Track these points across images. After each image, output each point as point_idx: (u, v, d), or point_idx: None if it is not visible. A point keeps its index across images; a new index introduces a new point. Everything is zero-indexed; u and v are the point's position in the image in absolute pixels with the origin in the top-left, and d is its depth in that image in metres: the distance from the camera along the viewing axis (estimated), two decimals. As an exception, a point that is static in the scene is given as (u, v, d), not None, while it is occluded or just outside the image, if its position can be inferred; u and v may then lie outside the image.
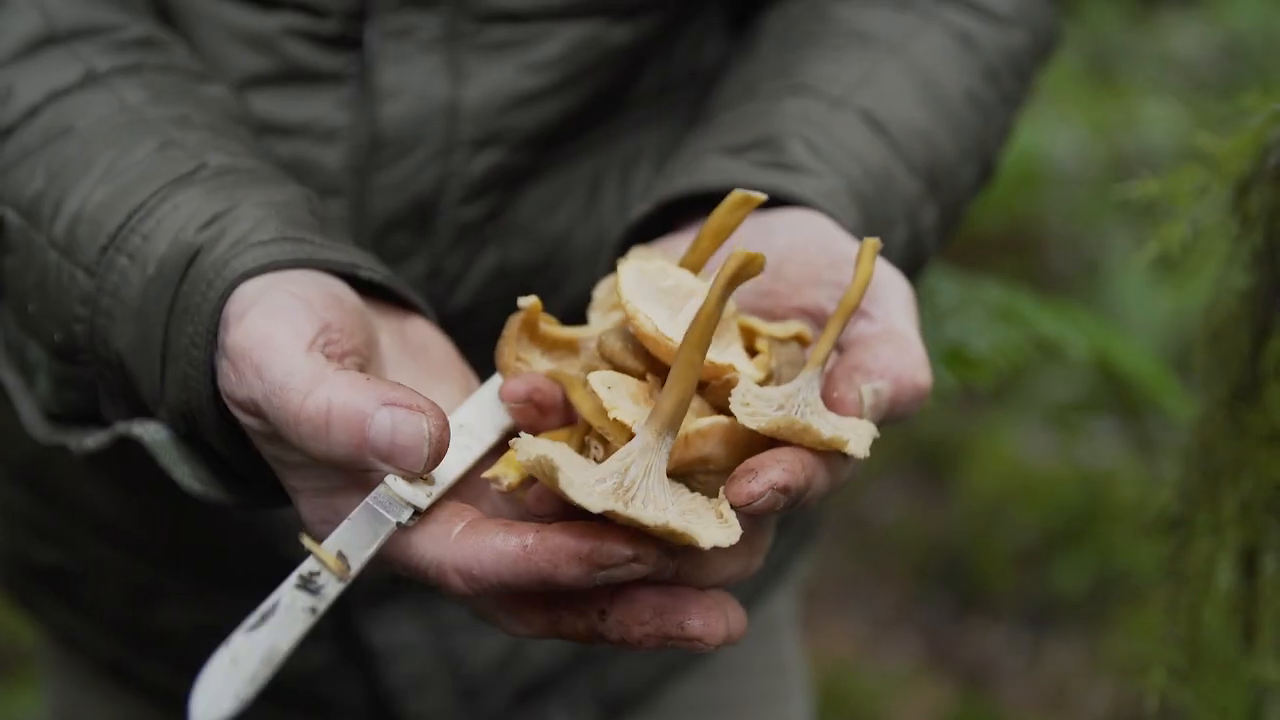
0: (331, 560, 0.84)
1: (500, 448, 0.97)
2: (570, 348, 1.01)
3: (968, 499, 3.18)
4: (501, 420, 0.97)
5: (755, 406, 0.89)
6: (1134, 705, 2.52)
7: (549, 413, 0.97)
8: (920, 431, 3.23)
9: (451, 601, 0.99)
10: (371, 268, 0.98)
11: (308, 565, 0.84)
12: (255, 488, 1.00)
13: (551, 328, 1.00)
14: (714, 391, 0.95)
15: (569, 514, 0.86)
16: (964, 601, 3.04)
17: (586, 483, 0.83)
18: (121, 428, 1.00)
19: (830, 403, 0.94)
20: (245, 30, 1.15)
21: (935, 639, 2.99)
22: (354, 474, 0.91)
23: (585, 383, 0.93)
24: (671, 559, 0.86)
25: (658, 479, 0.85)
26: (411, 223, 1.17)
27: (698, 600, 0.88)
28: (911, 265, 1.16)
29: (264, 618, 0.81)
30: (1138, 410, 2.89)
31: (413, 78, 1.15)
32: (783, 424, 0.88)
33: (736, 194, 0.96)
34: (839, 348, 0.98)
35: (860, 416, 0.93)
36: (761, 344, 0.97)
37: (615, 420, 0.90)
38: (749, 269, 0.85)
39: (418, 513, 0.88)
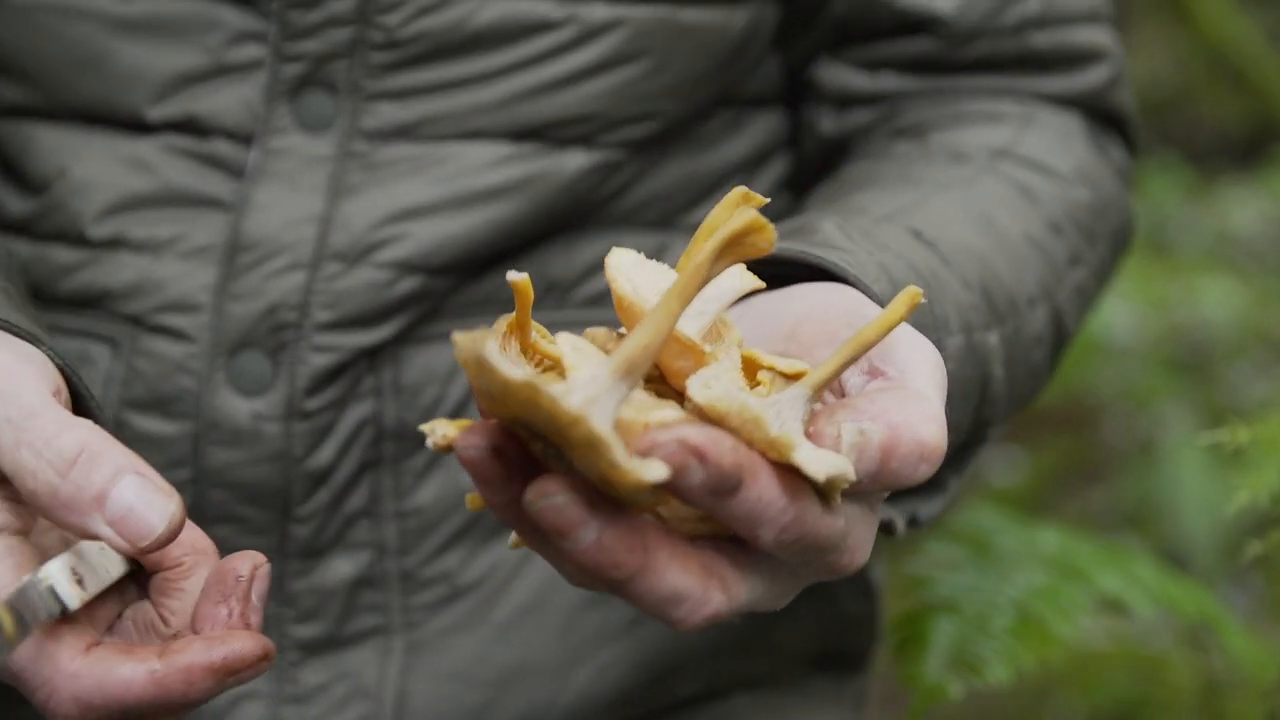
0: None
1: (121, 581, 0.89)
2: (561, 372, 0.86)
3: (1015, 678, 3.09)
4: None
5: (713, 387, 0.77)
6: None
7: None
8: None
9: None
10: (51, 345, 0.94)
11: None
12: None
13: (544, 341, 0.88)
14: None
15: (499, 442, 0.75)
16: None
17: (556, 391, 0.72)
18: None
19: (808, 437, 0.81)
20: (114, 150, 1.13)
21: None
22: (21, 532, 0.87)
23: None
24: None
25: (602, 417, 0.72)
26: (267, 343, 1.11)
27: None
28: (973, 389, 1.05)
29: None
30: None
31: (286, 194, 1.12)
32: (732, 407, 0.75)
33: (738, 190, 0.85)
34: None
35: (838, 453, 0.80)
36: (764, 376, 0.85)
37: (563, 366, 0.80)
38: (755, 235, 0.76)
39: (64, 614, 0.82)
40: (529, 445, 0.75)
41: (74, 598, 0.82)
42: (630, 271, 0.87)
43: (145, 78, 1.12)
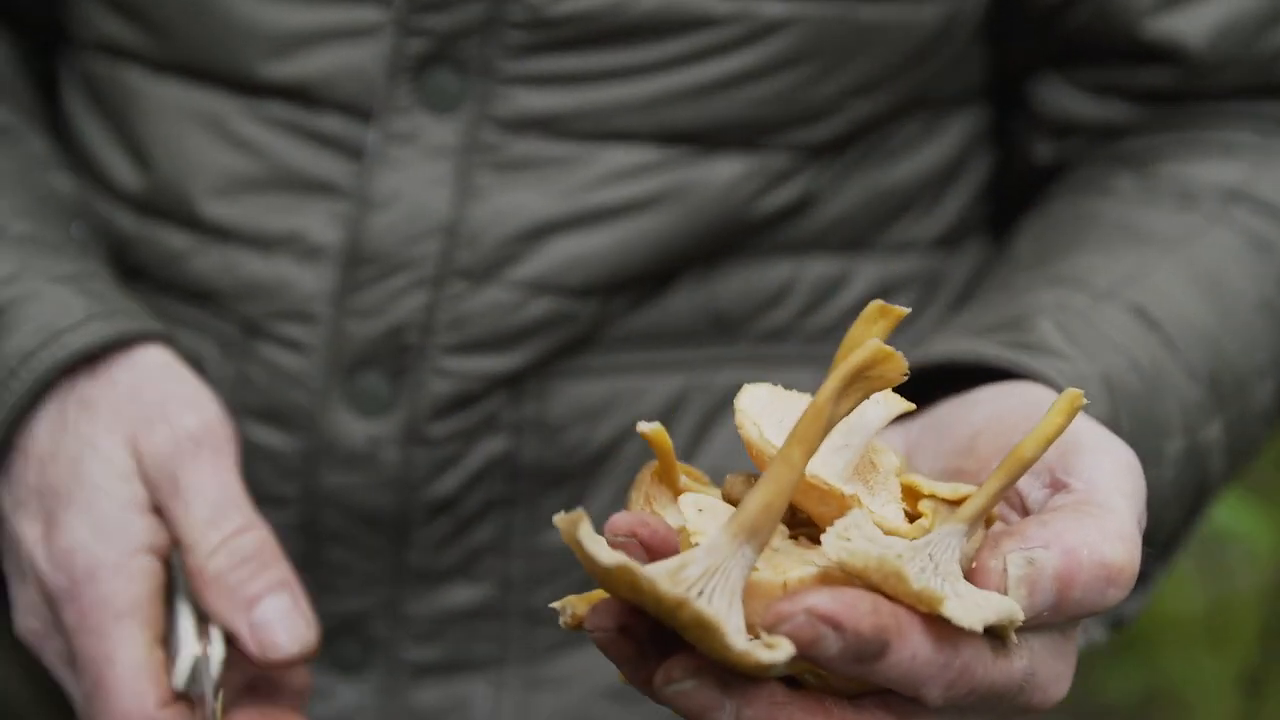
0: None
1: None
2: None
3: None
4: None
5: (854, 540, 0.69)
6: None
7: (657, 555, 0.77)
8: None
9: None
10: (170, 337, 0.97)
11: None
12: None
13: (693, 481, 0.82)
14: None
15: (627, 621, 0.71)
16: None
17: (660, 572, 0.67)
18: None
19: (971, 574, 0.73)
20: (221, 123, 1.05)
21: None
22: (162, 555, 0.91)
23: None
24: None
25: (724, 588, 0.67)
26: (388, 362, 1.03)
27: None
28: (1190, 490, 0.98)
29: None
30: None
31: (410, 188, 1.02)
32: (870, 562, 0.68)
33: (874, 305, 0.77)
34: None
35: (1003, 591, 0.72)
36: (925, 506, 0.77)
37: (696, 545, 0.72)
38: (883, 366, 0.69)
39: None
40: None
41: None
42: (760, 413, 0.79)
43: (258, 32, 1.02)
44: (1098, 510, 0.74)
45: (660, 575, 0.65)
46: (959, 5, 1.07)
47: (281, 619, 0.87)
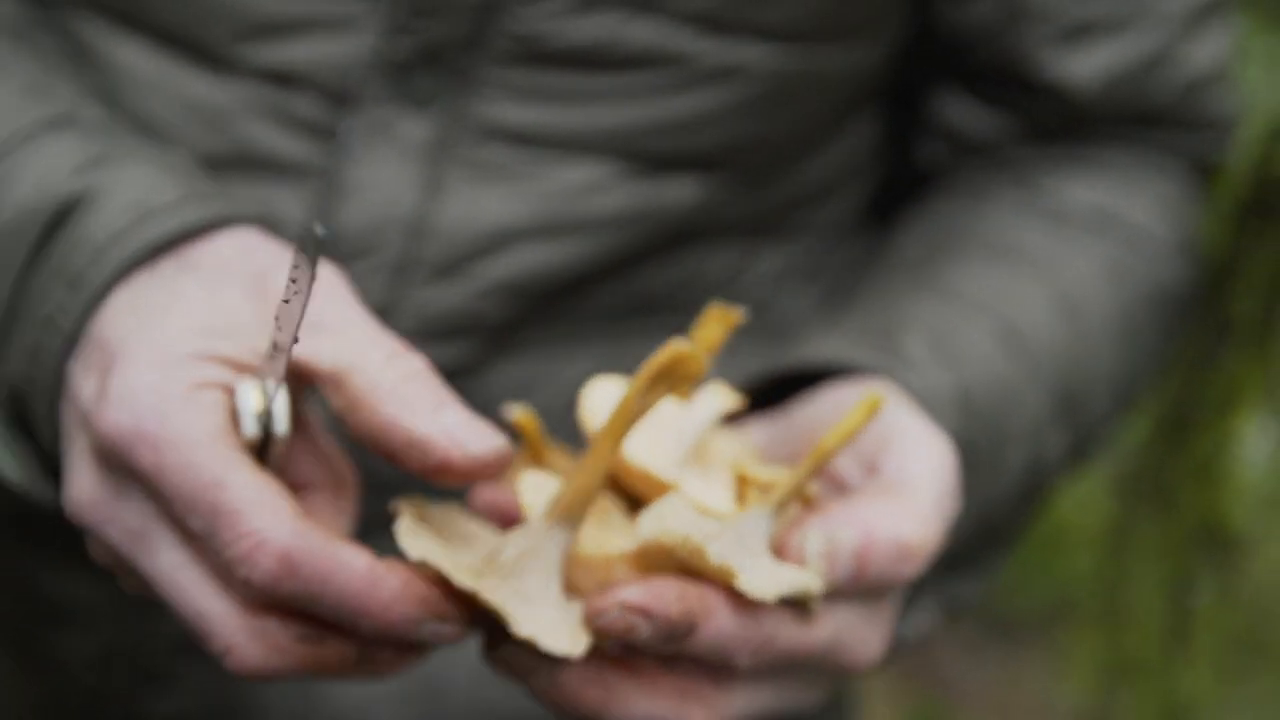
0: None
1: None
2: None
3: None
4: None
5: (667, 520, 0.77)
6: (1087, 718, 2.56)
7: (510, 526, 0.85)
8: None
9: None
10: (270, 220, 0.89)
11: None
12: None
13: (559, 457, 0.89)
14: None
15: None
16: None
17: (458, 558, 0.76)
18: None
19: (779, 551, 0.80)
20: (199, 103, 1.01)
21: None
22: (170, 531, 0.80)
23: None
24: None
25: (539, 567, 0.76)
26: None
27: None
28: (1031, 491, 1.05)
29: None
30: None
31: (380, 178, 1.01)
32: (675, 539, 0.75)
33: (716, 308, 0.87)
34: None
35: (804, 565, 0.80)
36: (752, 493, 0.84)
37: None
38: (684, 365, 0.74)
39: (266, 436, 0.78)
40: None
41: (284, 423, 0.78)
42: (605, 408, 0.86)
43: (232, 15, 0.99)
44: (899, 493, 0.82)
45: (457, 568, 0.74)
46: (893, 49, 1.13)
47: (466, 423, 0.78)
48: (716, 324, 0.86)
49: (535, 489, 0.80)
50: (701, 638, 0.75)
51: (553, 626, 0.75)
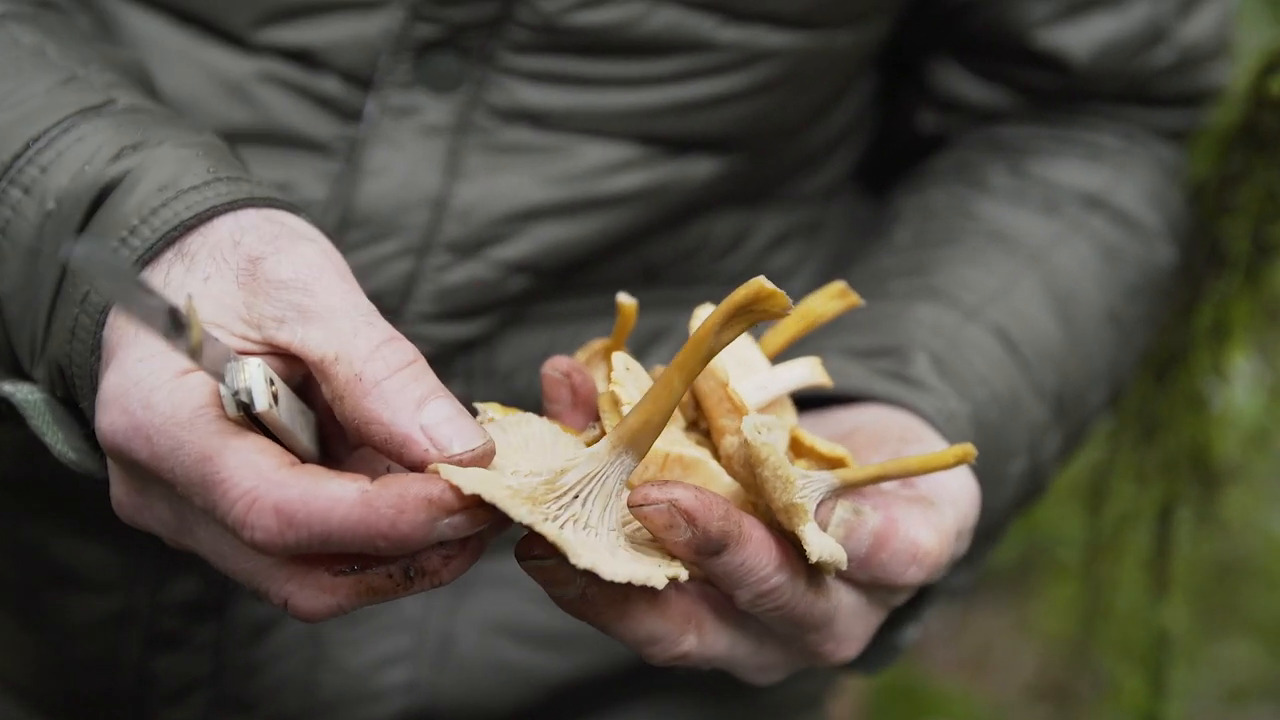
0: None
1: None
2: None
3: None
4: None
5: (766, 435, 0.79)
6: (1056, 671, 2.58)
7: (579, 406, 0.88)
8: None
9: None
10: (300, 209, 0.89)
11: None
12: None
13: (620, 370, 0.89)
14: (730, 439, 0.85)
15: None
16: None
17: (505, 477, 0.77)
18: None
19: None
20: (221, 74, 1.03)
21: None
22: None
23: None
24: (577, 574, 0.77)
25: (601, 496, 0.76)
26: None
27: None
28: (1024, 497, 1.10)
29: None
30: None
31: (402, 161, 1.03)
32: (773, 456, 0.77)
33: (837, 285, 0.90)
34: None
35: (825, 527, 0.83)
36: (803, 463, 0.87)
37: (611, 394, 0.83)
38: (766, 302, 0.73)
39: (247, 415, 0.77)
40: None
41: (263, 398, 0.76)
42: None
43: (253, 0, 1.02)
44: (928, 505, 0.86)
45: (516, 497, 0.73)
46: (892, 24, 1.16)
47: (450, 420, 0.78)
48: (833, 299, 0.89)
49: (625, 367, 0.83)
50: (725, 560, 0.78)
51: (611, 554, 0.75)
